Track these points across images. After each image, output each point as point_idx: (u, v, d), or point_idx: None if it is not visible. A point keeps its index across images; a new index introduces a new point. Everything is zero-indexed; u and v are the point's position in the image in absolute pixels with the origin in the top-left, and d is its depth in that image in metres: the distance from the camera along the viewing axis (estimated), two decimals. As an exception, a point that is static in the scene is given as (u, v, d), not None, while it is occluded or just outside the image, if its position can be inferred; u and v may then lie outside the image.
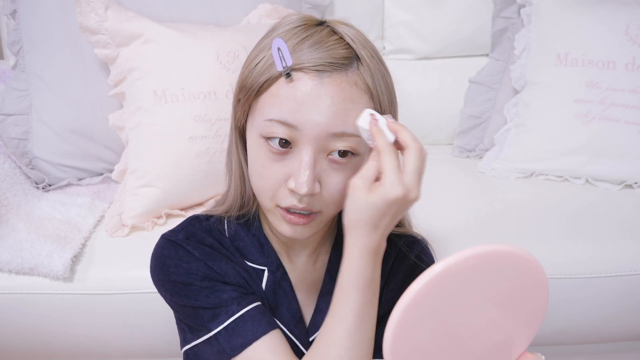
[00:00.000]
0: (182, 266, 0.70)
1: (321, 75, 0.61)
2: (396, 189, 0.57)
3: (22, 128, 1.20)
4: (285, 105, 0.61)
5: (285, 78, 0.61)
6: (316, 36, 0.63)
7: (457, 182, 1.31)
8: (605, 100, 1.24)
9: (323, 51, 0.61)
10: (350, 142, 0.62)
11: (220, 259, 0.72)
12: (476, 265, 0.50)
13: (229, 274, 0.71)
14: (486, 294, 0.53)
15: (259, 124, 0.64)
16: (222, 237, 0.74)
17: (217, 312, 0.69)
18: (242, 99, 0.66)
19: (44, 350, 1.07)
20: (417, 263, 0.76)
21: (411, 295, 0.49)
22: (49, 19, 1.20)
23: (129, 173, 1.13)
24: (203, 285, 0.69)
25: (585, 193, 1.24)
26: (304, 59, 0.61)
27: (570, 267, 1.04)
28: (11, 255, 1.00)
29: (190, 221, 0.76)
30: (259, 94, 0.64)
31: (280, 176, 0.64)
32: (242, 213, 0.75)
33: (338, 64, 0.61)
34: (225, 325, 0.68)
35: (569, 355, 1.19)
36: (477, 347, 0.56)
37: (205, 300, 0.69)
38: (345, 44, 0.63)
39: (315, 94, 0.61)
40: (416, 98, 1.50)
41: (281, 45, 0.61)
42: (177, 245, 0.72)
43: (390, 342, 0.51)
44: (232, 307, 0.69)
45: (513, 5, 1.39)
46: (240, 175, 0.73)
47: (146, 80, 1.11)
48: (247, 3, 1.28)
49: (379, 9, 1.49)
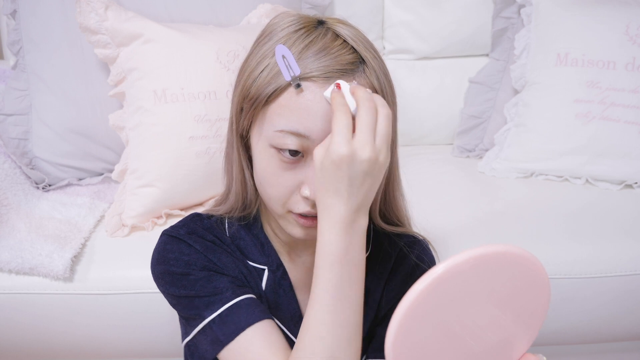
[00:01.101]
0: (182, 259, 0.70)
1: (330, 83, 0.60)
2: (339, 148, 0.55)
3: (22, 128, 1.20)
4: (295, 115, 0.61)
5: (294, 88, 0.61)
6: (320, 42, 0.62)
7: (457, 182, 1.31)
8: (605, 100, 1.24)
9: (330, 59, 0.61)
10: None
11: (221, 252, 0.72)
12: (478, 265, 0.50)
13: (228, 267, 0.71)
14: (488, 295, 0.53)
15: (268, 134, 0.63)
16: (223, 236, 0.74)
17: (212, 299, 0.68)
18: (247, 108, 0.65)
19: (44, 350, 1.06)
20: (417, 263, 0.76)
21: (413, 295, 0.49)
22: (49, 19, 1.20)
23: (129, 173, 1.13)
24: (200, 276, 0.69)
25: (585, 193, 1.24)
26: (312, 68, 0.61)
27: (570, 267, 1.04)
28: (11, 255, 1.00)
29: (191, 218, 0.76)
30: (267, 104, 0.63)
31: (292, 184, 0.64)
32: (243, 215, 0.75)
33: (345, 70, 0.61)
34: (219, 312, 0.68)
35: (569, 355, 1.19)
36: (479, 347, 0.56)
37: (201, 289, 0.69)
38: (350, 49, 0.62)
39: (324, 103, 0.60)
40: (416, 98, 1.50)
41: (286, 53, 0.61)
42: (179, 240, 0.72)
43: (392, 342, 0.51)
44: (227, 294, 0.68)
45: (513, 5, 1.39)
46: (242, 180, 0.72)
47: (146, 80, 1.11)
48: (247, 3, 1.28)
49: (379, 9, 1.49)
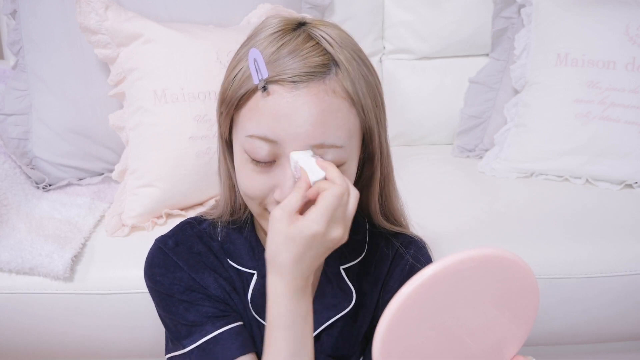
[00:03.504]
0: (168, 276, 0.72)
1: (297, 86, 0.59)
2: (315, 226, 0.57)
3: (22, 128, 1.20)
4: (263, 120, 0.61)
5: (261, 92, 0.60)
6: (292, 43, 0.61)
7: (457, 182, 1.31)
8: (605, 100, 1.24)
9: (298, 60, 0.60)
10: (331, 154, 0.61)
11: (203, 270, 0.73)
12: (466, 268, 0.50)
13: (210, 286, 0.72)
14: (477, 297, 0.53)
15: (241, 139, 0.63)
16: (211, 242, 0.75)
17: (193, 330, 0.70)
18: (224, 112, 0.66)
19: (44, 350, 1.06)
20: (414, 264, 0.76)
21: (400, 299, 0.49)
22: (49, 19, 1.20)
23: (129, 173, 1.13)
24: (183, 299, 0.71)
25: (585, 193, 1.23)
26: (280, 70, 0.60)
27: (570, 267, 1.04)
28: (11, 255, 1.00)
29: (182, 226, 0.77)
30: (239, 108, 0.63)
31: (266, 187, 0.64)
32: (234, 219, 0.75)
33: (314, 73, 0.60)
34: (198, 345, 0.70)
35: (568, 355, 1.19)
36: (469, 350, 0.56)
37: (183, 315, 0.71)
38: (321, 50, 0.61)
39: (292, 107, 0.59)
40: (416, 98, 1.50)
41: (257, 57, 0.60)
42: (165, 254, 0.73)
43: (380, 345, 0.51)
44: (207, 327, 0.70)
45: (513, 5, 1.39)
46: (230, 185, 0.73)
47: (146, 80, 1.11)
48: (247, 3, 1.28)
49: (379, 9, 1.49)
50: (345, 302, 0.74)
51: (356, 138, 0.64)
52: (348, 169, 0.64)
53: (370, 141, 0.66)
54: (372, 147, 0.67)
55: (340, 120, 0.61)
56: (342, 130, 0.61)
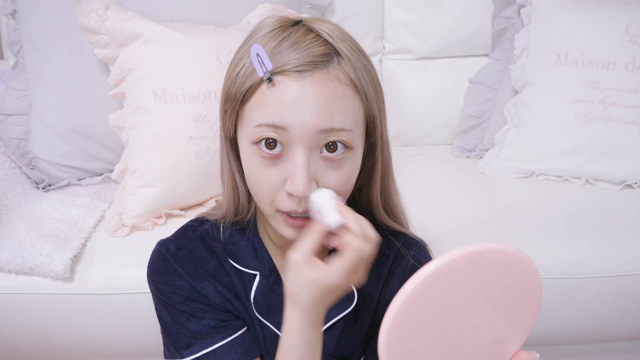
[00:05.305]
0: (169, 284, 0.73)
1: (302, 75, 0.60)
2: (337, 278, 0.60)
3: (22, 128, 1.20)
4: (270, 108, 0.61)
5: (267, 83, 0.61)
6: (293, 37, 0.62)
7: (457, 182, 1.31)
8: (605, 100, 1.24)
9: (301, 51, 0.61)
10: (340, 136, 0.62)
11: (203, 279, 0.73)
12: (469, 264, 0.50)
13: (211, 295, 0.73)
14: (479, 293, 0.53)
15: (248, 132, 0.64)
16: (214, 244, 0.75)
17: (192, 341, 0.72)
18: (229, 109, 0.66)
19: (44, 350, 1.06)
20: (414, 264, 0.76)
21: (404, 295, 0.49)
22: (49, 19, 1.20)
23: (129, 173, 1.13)
24: (183, 310, 0.72)
25: (585, 193, 1.24)
26: (284, 61, 0.61)
27: (570, 267, 1.04)
28: (11, 255, 1.00)
29: (184, 230, 0.77)
30: (244, 102, 0.64)
31: (276, 181, 0.64)
32: (237, 220, 0.75)
33: (318, 62, 0.61)
34: (196, 357, 0.71)
35: (569, 355, 1.19)
36: (471, 346, 0.56)
37: (184, 325, 0.72)
38: (322, 41, 0.62)
39: (299, 94, 0.60)
40: (416, 98, 1.50)
41: (259, 51, 0.61)
42: (166, 260, 0.73)
43: (385, 342, 0.51)
44: (206, 340, 0.71)
45: (513, 5, 1.39)
46: (233, 186, 0.73)
47: (146, 80, 1.11)
48: (247, 3, 1.28)
49: (379, 9, 1.49)
50: (347, 303, 0.74)
51: (361, 125, 0.65)
52: (354, 157, 0.65)
53: (374, 130, 0.67)
54: (374, 137, 0.68)
55: (346, 106, 0.62)
56: (348, 115, 0.62)
